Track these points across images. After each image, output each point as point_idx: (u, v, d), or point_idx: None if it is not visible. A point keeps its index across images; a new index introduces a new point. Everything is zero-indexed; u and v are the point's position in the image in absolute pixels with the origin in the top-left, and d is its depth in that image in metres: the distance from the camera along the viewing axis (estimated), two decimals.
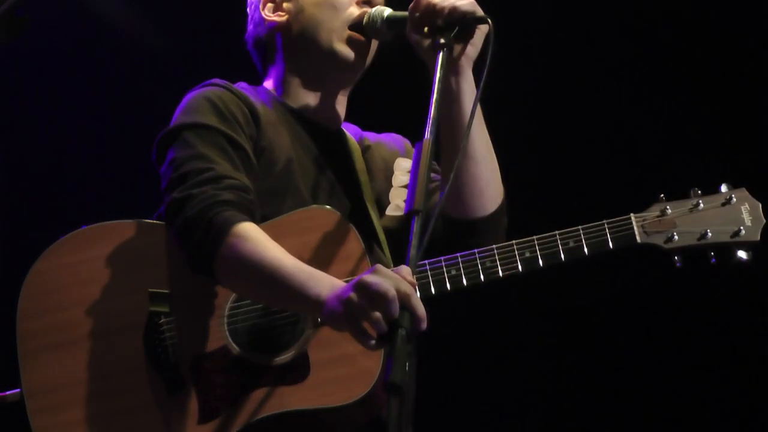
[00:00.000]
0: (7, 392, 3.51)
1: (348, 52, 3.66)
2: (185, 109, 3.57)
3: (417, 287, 3.16)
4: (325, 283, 3.12)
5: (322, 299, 3.09)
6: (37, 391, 3.41)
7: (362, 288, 2.94)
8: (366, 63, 3.72)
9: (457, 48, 3.44)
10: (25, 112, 5.43)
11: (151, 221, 3.53)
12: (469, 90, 3.47)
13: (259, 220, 3.39)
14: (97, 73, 5.48)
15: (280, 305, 3.38)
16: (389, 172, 3.79)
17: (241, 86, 3.72)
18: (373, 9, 3.63)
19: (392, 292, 2.88)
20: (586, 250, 3.48)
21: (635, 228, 3.52)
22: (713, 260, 3.55)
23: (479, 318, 5.39)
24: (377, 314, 2.89)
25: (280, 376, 3.38)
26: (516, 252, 3.48)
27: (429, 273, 3.46)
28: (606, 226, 3.51)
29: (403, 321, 2.83)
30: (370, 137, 3.89)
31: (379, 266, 2.97)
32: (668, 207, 3.56)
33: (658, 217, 3.55)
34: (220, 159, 3.43)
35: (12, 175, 5.38)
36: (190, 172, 3.41)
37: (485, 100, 3.41)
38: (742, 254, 3.55)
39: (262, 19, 3.76)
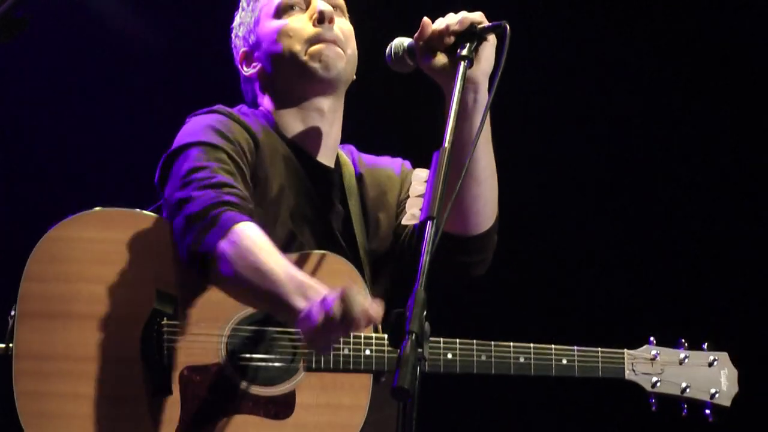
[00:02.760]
0: None
1: (315, 63, 3.73)
2: (188, 132, 3.63)
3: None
4: (311, 296, 3.21)
5: (298, 313, 3.21)
6: (28, 354, 3.43)
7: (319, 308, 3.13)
8: (338, 68, 3.76)
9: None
10: (24, 112, 5.42)
11: None
12: (483, 108, 3.49)
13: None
14: (97, 73, 5.48)
15: (267, 309, 3.45)
16: (384, 197, 3.87)
17: (242, 110, 3.81)
18: (394, 41, 3.61)
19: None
20: (576, 371, 3.64)
21: (626, 364, 3.69)
22: (685, 412, 3.74)
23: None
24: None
25: (265, 407, 3.46)
26: (512, 354, 3.62)
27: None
28: (600, 354, 3.67)
29: (414, 326, 2.81)
30: (366, 161, 3.95)
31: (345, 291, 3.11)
32: (659, 353, 3.74)
33: (648, 359, 3.72)
34: (222, 172, 3.49)
35: (12, 175, 5.38)
36: (192, 180, 3.47)
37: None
38: (710, 414, 3.75)
39: (246, 76, 3.88)
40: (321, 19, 3.76)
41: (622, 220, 5.80)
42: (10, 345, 3.46)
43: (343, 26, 3.83)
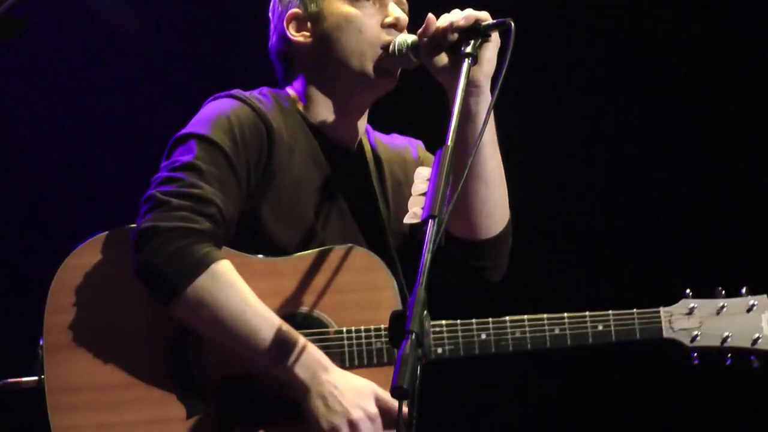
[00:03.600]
0: (23, 378, 3.53)
1: (382, 77, 3.66)
2: (202, 119, 3.57)
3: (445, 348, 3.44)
4: (307, 372, 3.34)
5: (302, 389, 3.34)
6: (60, 388, 3.42)
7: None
8: (396, 82, 3.72)
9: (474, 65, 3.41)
10: (25, 113, 5.40)
11: None
12: (485, 110, 3.46)
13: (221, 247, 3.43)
14: (98, 74, 5.45)
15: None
16: (402, 181, 3.82)
17: (263, 93, 3.71)
18: (398, 37, 3.61)
19: None
20: (613, 336, 3.58)
21: (663, 322, 3.62)
22: (728, 362, 3.68)
23: None
24: None
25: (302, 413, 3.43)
26: (546, 327, 3.56)
27: (459, 333, 3.53)
28: (636, 315, 3.61)
29: (414, 326, 2.82)
30: (384, 142, 3.90)
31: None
32: (696, 306, 3.66)
33: (685, 314, 3.65)
34: (213, 179, 3.45)
35: (13, 175, 5.34)
36: (180, 178, 3.43)
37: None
38: (755, 361, 3.68)
39: (288, 36, 3.73)
40: (394, 25, 3.65)
41: (637, 178, 5.76)
42: (42, 377, 3.45)
43: None
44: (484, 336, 3.55)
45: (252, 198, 3.54)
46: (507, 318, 3.56)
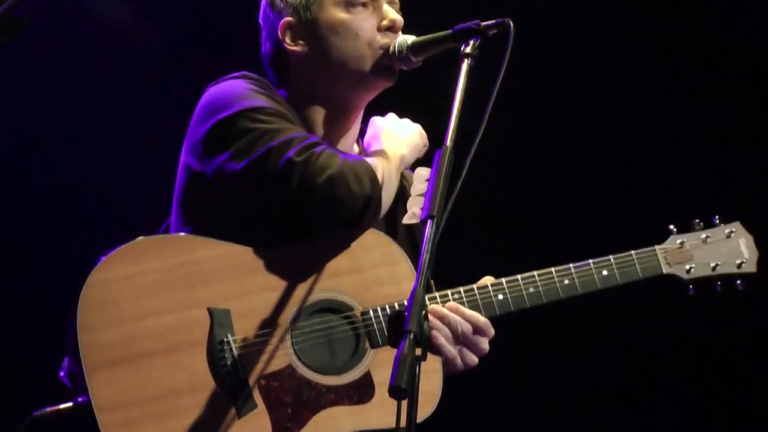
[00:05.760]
0: (61, 405, 3.56)
1: (382, 77, 3.75)
2: (233, 98, 3.61)
3: None
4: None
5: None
6: (109, 405, 3.43)
7: None
8: (395, 79, 3.80)
9: None
10: (25, 113, 5.36)
11: (207, 238, 3.58)
12: None
13: None
14: (98, 74, 5.45)
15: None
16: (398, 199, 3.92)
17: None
18: (398, 39, 3.70)
19: None
20: (618, 278, 3.79)
21: (660, 259, 3.85)
22: (718, 288, 3.93)
23: None
24: None
25: (347, 395, 3.54)
26: (556, 279, 3.75)
27: (478, 297, 3.69)
28: (634, 256, 3.83)
29: (412, 326, 2.94)
30: None
31: None
32: (685, 240, 3.90)
33: (677, 249, 3.89)
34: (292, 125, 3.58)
35: (12, 176, 5.28)
36: (292, 138, 3.53)
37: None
38: (740, 284, 3.94)
39: (283, 46, 3.77)
40: (391, 28, 3.71)
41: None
42: (78, 402, 3.48)
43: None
44: (500, 297, 3.71)
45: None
46: (519, 276, 3.73)
